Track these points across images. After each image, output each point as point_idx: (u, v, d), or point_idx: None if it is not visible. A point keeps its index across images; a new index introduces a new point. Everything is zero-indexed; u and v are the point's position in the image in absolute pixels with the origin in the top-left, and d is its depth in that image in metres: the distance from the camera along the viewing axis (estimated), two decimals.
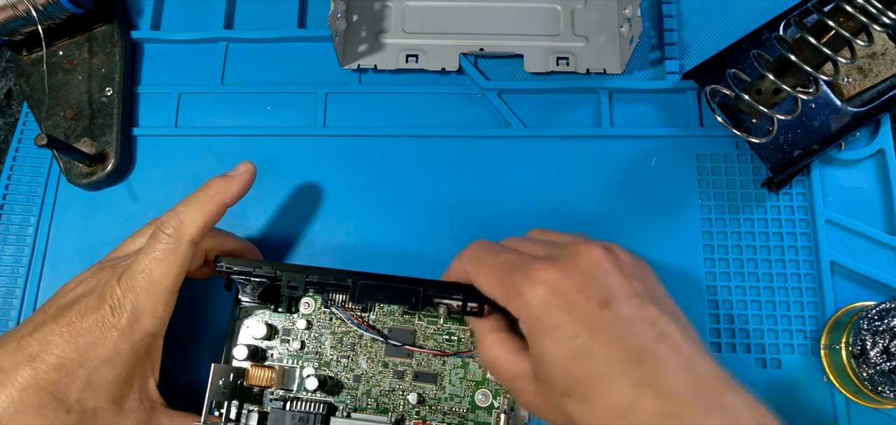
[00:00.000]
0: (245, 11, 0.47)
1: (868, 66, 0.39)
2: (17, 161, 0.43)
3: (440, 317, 0.36)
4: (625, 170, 0.41)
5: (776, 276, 0.39)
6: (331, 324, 0.37)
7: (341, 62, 0.43)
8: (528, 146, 0.42)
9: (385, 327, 0.37)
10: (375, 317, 0.37)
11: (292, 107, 0.44)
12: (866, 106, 0.39)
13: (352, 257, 0.40)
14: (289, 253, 0.41)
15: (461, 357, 0.36)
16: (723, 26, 0.44)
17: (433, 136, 0.42)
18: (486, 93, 0.43)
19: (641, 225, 0.40)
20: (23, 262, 0.41)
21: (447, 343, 0.36)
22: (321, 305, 0.37)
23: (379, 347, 0.36)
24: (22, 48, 0.44)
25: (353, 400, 0.36)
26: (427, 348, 0.36)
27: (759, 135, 0.37)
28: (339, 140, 0.43)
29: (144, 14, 0.46)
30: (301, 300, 0.37)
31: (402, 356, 0.36)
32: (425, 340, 0.36)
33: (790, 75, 0.34)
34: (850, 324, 0.35)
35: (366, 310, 0.37)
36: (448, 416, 0.35)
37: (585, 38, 0.44)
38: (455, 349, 0.36)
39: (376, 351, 0.36)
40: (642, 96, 0.43)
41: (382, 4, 0.45)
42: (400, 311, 0.37)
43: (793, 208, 0.40)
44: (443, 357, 0.36)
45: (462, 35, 0.44)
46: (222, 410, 0.34)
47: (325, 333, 0.37)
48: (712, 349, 0.38)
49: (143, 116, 0.44)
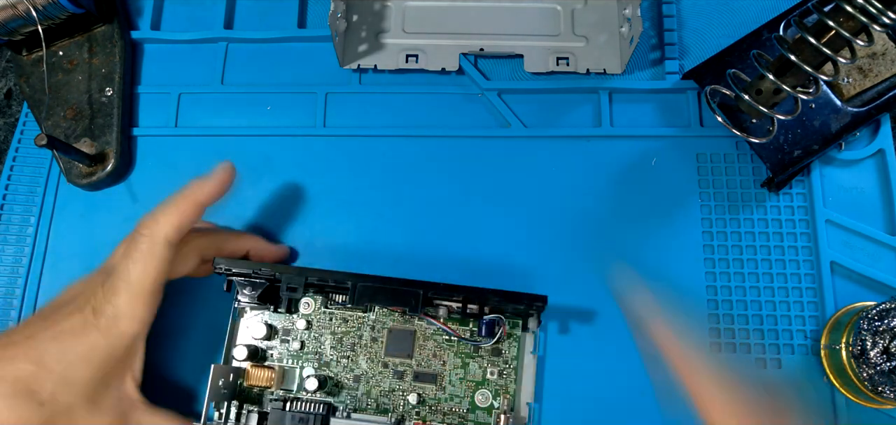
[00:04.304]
0: (245, 11, 0.47)
1: (868, 66, 0.39)
2: (17, 161, 0.43)
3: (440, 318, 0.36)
4: (625, 170, 0.41)
5: (776, 276, 0.39)
6: (331, 324, 0.37)
7: (341, 62, 0.43)
8: (528, 146, 0.42)
9: (384, 327, 0.37)
10: (375, 316, 0.37)
11: (292, 107, 0.44)
12: (866, 106, 0.39)
13: (352, 257, 0.40)
14: (289, 253, 0.41)
15: (469, 342, 0.36)
16: (723, 26, 0.44)
17: (433, 136, 0.42)
18: (486, 93, 0.43)
19: (641, 225, 0.40)
20: (23, 262, 0.41)
21: (447, 343, 0.36)
22: (321, 305, 0.37)
23: (379, 347, 0.36)
24: (22, 48, 0.44)
25: (353, 401, 0.36)
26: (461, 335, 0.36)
27: (759, 135, 0.37)
28: (339, 140, 0.43)
29: (144, 14, 0.46)
30: (301, 300, 0.37)
31: (403, 356, 0.36)
32: (425, 340, 0.36)
33: (790, 75, 0.34)
34: (850, 324, 0.35)
35: (366, 311, 0.37)
36: (448, 416, 0.35)
37: (585, 38, 0.44)
38: (455, 349, 0.36)
39: (376, 351, 0.36)
40: (642, 96, 0.43)
41: (382, 4, 0.45)
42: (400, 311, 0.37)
43: (793, 208, 0.40)
44: (451, 349, 0.36)
45: (462, 35, 0.44)
46: (222, 410, 0.34)
47: (324, 333, 0.37)
48: (712, 349, 0.38)
49: (143, 116, 0.44)
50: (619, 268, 0.38)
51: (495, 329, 0.36)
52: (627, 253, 0.39)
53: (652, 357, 0.34)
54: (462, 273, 0.39)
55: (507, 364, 0.36)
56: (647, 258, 0.39)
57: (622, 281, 0.37)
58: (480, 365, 0.36)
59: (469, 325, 0.37)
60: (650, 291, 0.35)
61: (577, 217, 0.40)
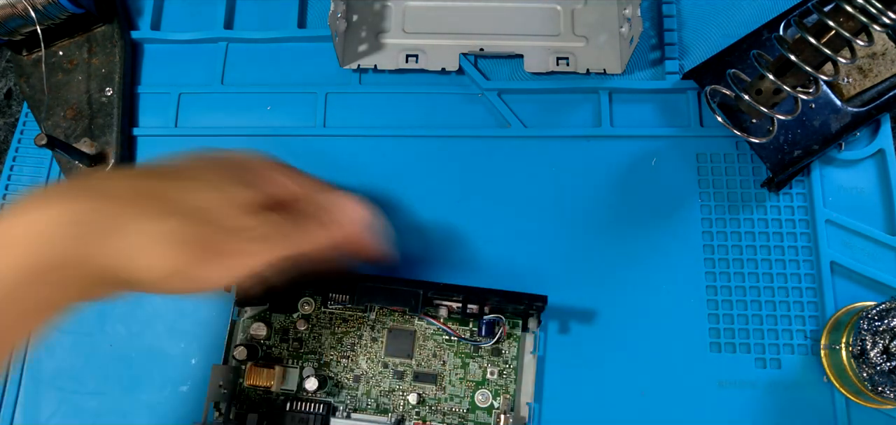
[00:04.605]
0: (245, 11, 0.47)
1: (868, 66, 0.39)
2: (17, 161, 0.43)
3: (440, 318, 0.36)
4: (625, 170, 0.41)
5: (776, 276, 0.39)
6: (331, 324, 0.37)
7: (341, 62, 0.43)
8: (528, 146, 0.42)
9: (384, 327, 0.37)
10: (375, 316, 0.37)
11: (292, 107, 0.44)
12: (866, 106, 0.39)
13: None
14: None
15: (466, 342, 0.36)
16: (723, 26, 0.44)
17: (433, 136, 0.42)
18: (486, 93, 0.43)
19: (641, 225, 0.40)
20: None
21: (447, 343, 0.36)
22: (320, 305, 0.37)
23: (379, 347, 0.36)
24: (22, 48, 0.44)
25: (353, 401, 0.36)
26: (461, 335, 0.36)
27: (759, 135, 0.37)
28: (339, 140, 0.43)
29: (144, 14, 0.46)
30: (300, 300, 0.37)
31: (403, 356, 0.36)
32: (425, 340, 0.37)
33: (790, 75, 0.34)
34: (850, 324, 0.35)
35: (365, 310, 0.37)
36: (448, 416, 0.35)
37: (585, 38, 0.44)
38: (455, 349, 0.36)
39: (376, 351, 0.36)
40: (642, 96, 0.43)
41: (382, 4, 0.45)
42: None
43: (793, 208, 0.40)
44: (451, 349, 0.36)
45: (462, 35, 0.44)
46: (222, 410, 0.34)
47: (324, 333, 0.37)
48: (713, 349, 0.38)
49: (143, 116, 0.44)
50: None
51: (495, 329, 0.36)
52: (627, 253, 0.39)
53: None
54: (462, 273, 0.39)
55: (507, 364, 0.36)
56: (646, 258, 0.39)
57: None
58: (480, 365, 0.36)
59: (469, 325, 0.37)
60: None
61: (577, 217, 0.40)
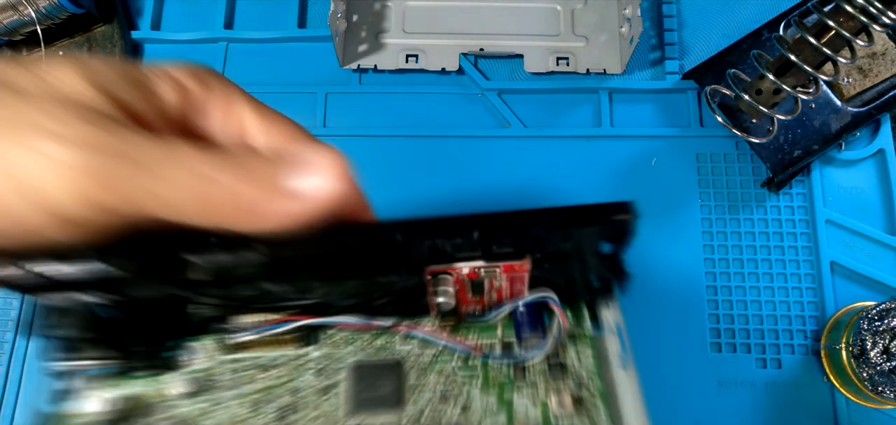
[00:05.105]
0: (245, 11, 0.47)
1: (868, 66, 0.39)
2: None
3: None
4: (625, 171, 0.41)
5: (776, 276, 0.39)
6: (240, 381, 0.19)
7: (341, 62, 0.43)
8: (528, 146, 0.42)
9: (341, 365, 0.20)
10: (323, 350, 0.21)
11: (292, 107, 0.44)
12: (866, 106, 0.39)
13: None
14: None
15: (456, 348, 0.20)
16: (723, 26, 0.44)
17: (433, 136, 0.42)
18: (486, 93, 0.43)
19: (641, 225, 0.40)
20: None
21: (463, 368, 0.20)
22: (217, 350, 0.20)
23: (335, 401, 0.19)
24: (22, 48, 0.44)
25: None
26: None
27: (759, 135, 0.37)
28: (339, 140, 0.43)
29: (144, 14, 0.46)
30: (181, 342, 0.20)
31: (384, 408, 0.19)
32: (421, 372, 0.20)
33: (790, 75, 0.34)
34: (850, 324, 0.35)
35: (302, 343, 0.21)
36: None
37: (585, 38, 0.44)
38: (478, 375, 0.20)
39: (331, 410, 0.19)
40: (642, 96, 0.43)
41: (382, 4, 0.45)
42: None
43: (793, 208, 0.40)
44: (471, 379, 0.20)
45: (462, 35, 0.44)
46: None
47: (226, 396, 0.19)
48: (712, 349, 0.38)
49: None
50: None
51: (544, 320, 0.20)
52: (627, 252, 0.39)
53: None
54: None
55: (581, 386, 0.19)
56: (646, 258, 0.39)
57: None
58: (534, 396, 0.19)
59: (495, 333, 0.20)
60: None
61: None
